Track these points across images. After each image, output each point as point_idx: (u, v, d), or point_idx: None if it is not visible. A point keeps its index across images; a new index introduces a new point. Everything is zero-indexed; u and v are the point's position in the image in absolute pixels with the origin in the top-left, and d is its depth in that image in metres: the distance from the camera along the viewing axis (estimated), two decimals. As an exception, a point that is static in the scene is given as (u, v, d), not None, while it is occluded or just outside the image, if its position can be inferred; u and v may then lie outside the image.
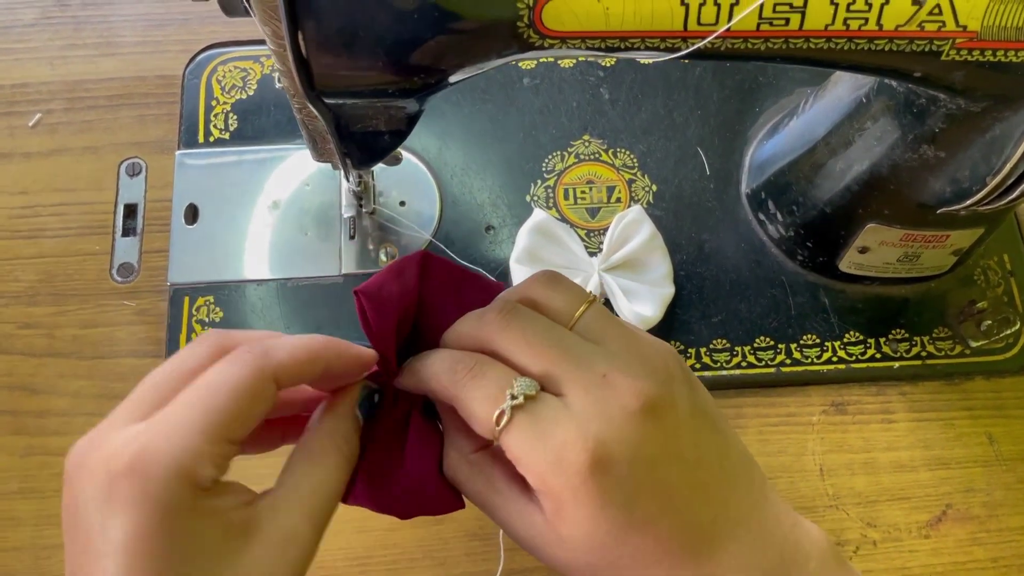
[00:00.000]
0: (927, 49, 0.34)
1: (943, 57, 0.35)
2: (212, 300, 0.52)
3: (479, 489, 0.35)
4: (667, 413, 0.32)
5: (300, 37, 0.32)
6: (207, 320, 0.52)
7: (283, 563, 0.30)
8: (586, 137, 0.57)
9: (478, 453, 0.35)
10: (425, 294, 0.37)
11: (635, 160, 0.57)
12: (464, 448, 0.35)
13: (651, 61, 0.59)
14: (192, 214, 0.54)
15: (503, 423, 0.31)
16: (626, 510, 0.31)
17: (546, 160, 0.56)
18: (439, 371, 0.34)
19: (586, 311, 0.35)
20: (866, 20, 0.33)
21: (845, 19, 0.33)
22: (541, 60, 0.59)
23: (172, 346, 0.51)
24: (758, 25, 0.33)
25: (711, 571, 0.32)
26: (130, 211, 0.55)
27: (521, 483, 0.33)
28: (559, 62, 0.59)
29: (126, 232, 0.55)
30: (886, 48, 0.34)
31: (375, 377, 0.36)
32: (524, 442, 0.31)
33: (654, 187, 0.56)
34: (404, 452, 0.36)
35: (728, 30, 0.33)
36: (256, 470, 0.33)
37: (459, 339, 0.35)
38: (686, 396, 0.34)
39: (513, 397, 0.32)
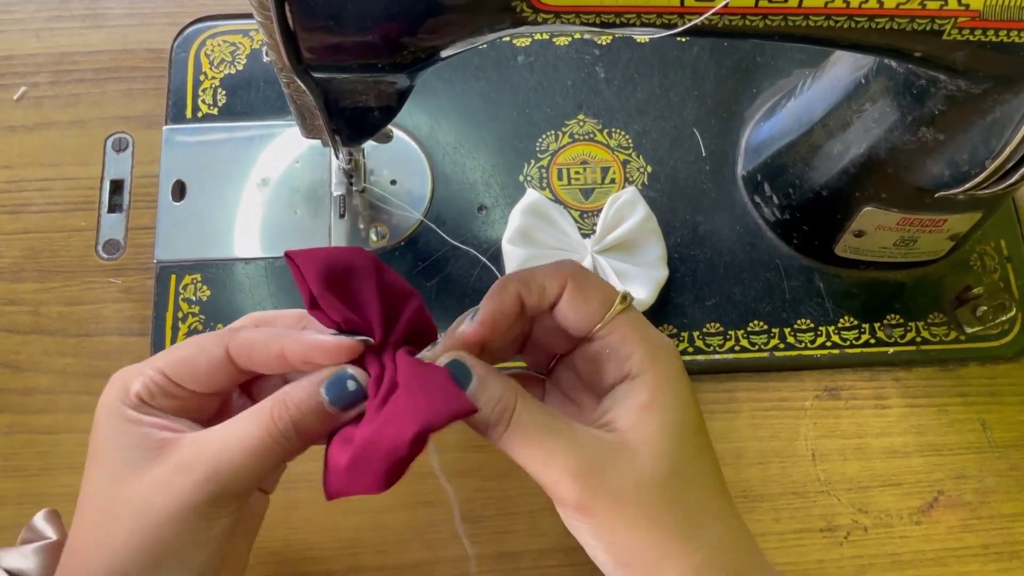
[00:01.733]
0: (928, 28, 0.34)
1: (944, 36, 0.34)
2: (199, 278, 0.52)
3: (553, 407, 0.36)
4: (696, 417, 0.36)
5: (287, 8, 0.32)
6: (194, 298, 0.51)
7: (168, 483, 0.33)
8: (581, 117, 0.56)
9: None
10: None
11: (630, 140, 0.56)
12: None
13: (647, 39, 0.58)
14: (179, 191, 0.54)
15: (624, 304, 0.35)
16: (690, 420, 0.35)
17: (540, 139, 0.56)
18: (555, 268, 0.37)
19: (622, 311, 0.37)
20: (867, -3, 0.32)
21: (845, -4, 0.32)
22: (536, 37, 0.58)
23: (159, 324, 0.50)
24: (756, 1, 0.33)
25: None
26: (116, 187, 0.54)
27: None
28: (554, 40, 0.58)
29: (112, 208, 0.54)
30: (887, 26, 0.34)
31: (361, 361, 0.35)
32: (641, 322, 0.36)
33: (649, 168, 0.55)
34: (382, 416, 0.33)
35: (726, 6, 0.32)
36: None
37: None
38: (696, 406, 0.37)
39: (623, 300, 0.36)
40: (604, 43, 0.58)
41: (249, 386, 0.39)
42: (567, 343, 0.38)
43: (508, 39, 0.58)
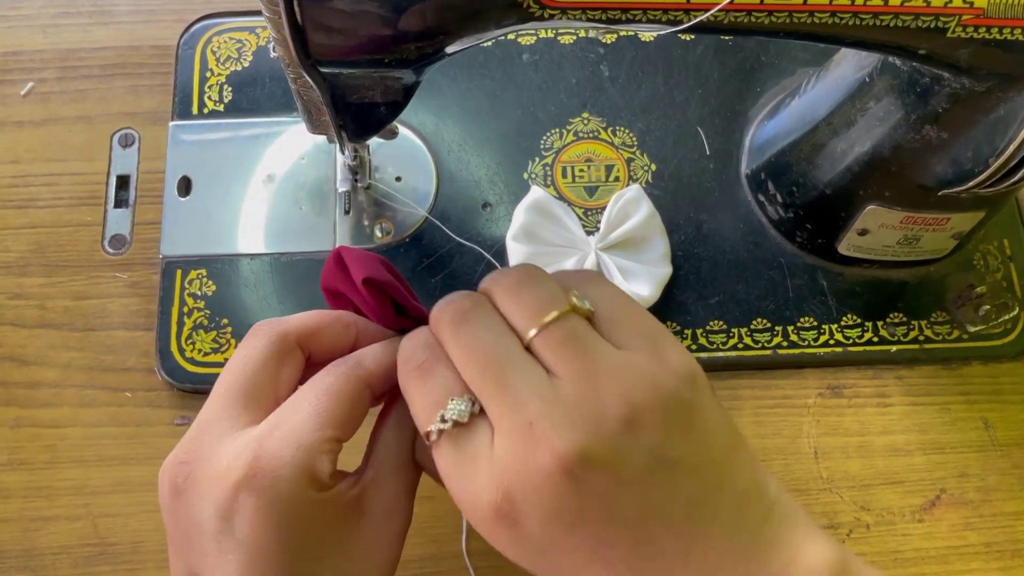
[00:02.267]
0: (933, 25, 0.34)
1: (949, 34, 0.34)
2: (205, 273, 0.52)
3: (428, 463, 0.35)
4: (598, 474, 0.29)
5: (295, 3, 0.32)
6: (199, 293, 0.51)
7: (390, 533, 0.34)
8: (585, 115, 0.57)
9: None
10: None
11: (634, 139, 0.56)
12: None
13: (653, 36, 0.58)
14: (185, 186, 0.54)
15: (431, 441, 0.32)
16: (544, 557, 0.30)
17: (544, 137, 0.56)
18: (401, 356, 0.34)
19: (557, 320, 0.31)
20: (872, -6, 0.33)
21: (850, -7, 0.33)
22: (541, 36, 0.58)
23: (164, 319, 0.51)
24: (762, -2, 0.33)
25: None
26: (123, 182, 0.54)
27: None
28: (559, 38, 0.58)
29: (118, 203, 0.54)
30: (891, 24, 0.34)
31: None
32: (447, 469, 0.31)
33: (653, 166, 0.55)
34: None
35: (731, 2, 0.32)
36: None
37: (431, 322, 0.34)
38: (646, 447, 0.29)
39: (443, 420, 0.31)
40: (609, 41, 0.58)
41: None
42: None
43: (513, 37, 0.58)
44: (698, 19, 0.33)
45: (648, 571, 0.30)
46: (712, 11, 0.33)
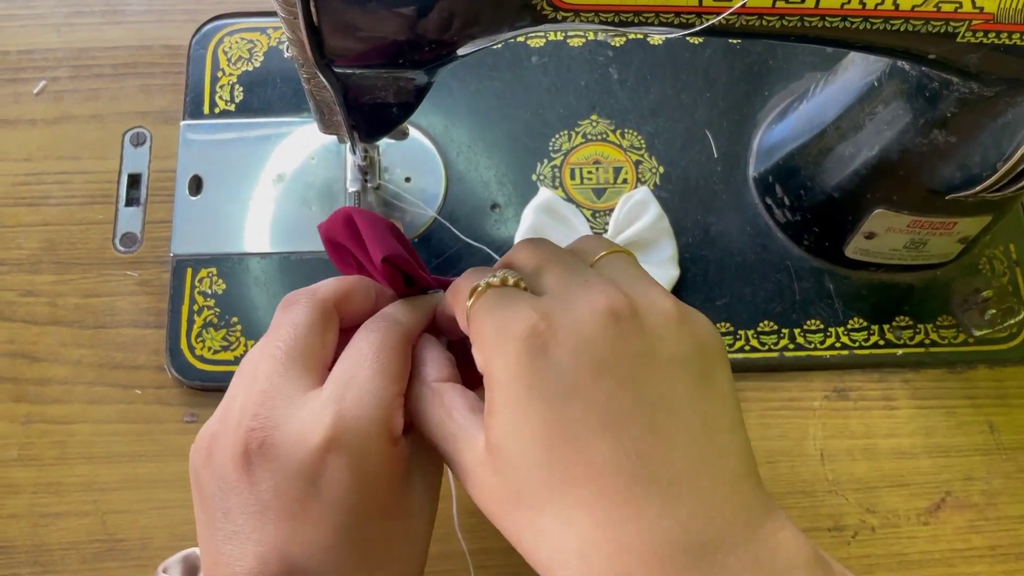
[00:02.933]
0: (943, 30, 0.34)
1: (958, 39, 0.34)
2: (215, 272, 0.52)
3: (435, 415, 0.33)
4: (639, 334, 0.29)
5: (312, 4, 0.32)
6: (209, 291, 0.51)
7: (433, 490, 0.35)
8: (594, 117, 0.57)
9: (441, 382, 0.34)
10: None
11: (643, 141, 0.56)
12: (429, 376, 0.35)
13: (661, 40, 0.58)
14: (196, 185, 0.54)
15: (473, 297, 0.32)
16: (558, 407, 0.29)
17: (553, 139, 0.56)
18: (457, 284, 0.35)
19: (608, 255, 0.34)
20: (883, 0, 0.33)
21: (861, -2, 0.33)
22: (550, 38, 0.58)
23: (174, 317, 0.51)
24: (773, 2, 0.33)
25: (649, 527, 0.28)
26: (134, 181, 0.55)
27: (476, 412, 0.32)
28: (568, 41, 0.59)
29: (129, 202, 0.54)
30: (902, 28, 0.34)
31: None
32: (483, 312, 0.31)
33: (661, 169, 0.56)
34: None
35: (744, 6, 0.33)
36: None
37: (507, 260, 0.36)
38: (678, 342, 0.30)
39: (492, 276, 0.32)
40: (618, 44, 0.59)
41: None
42: None
43: (522, 39, 0.58)
44: (710, 23, 0.34)
45: (652, 462, 0.28)
46: (724, 15, 0.33)
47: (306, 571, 0.30)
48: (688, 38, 0.58)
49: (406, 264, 0.37)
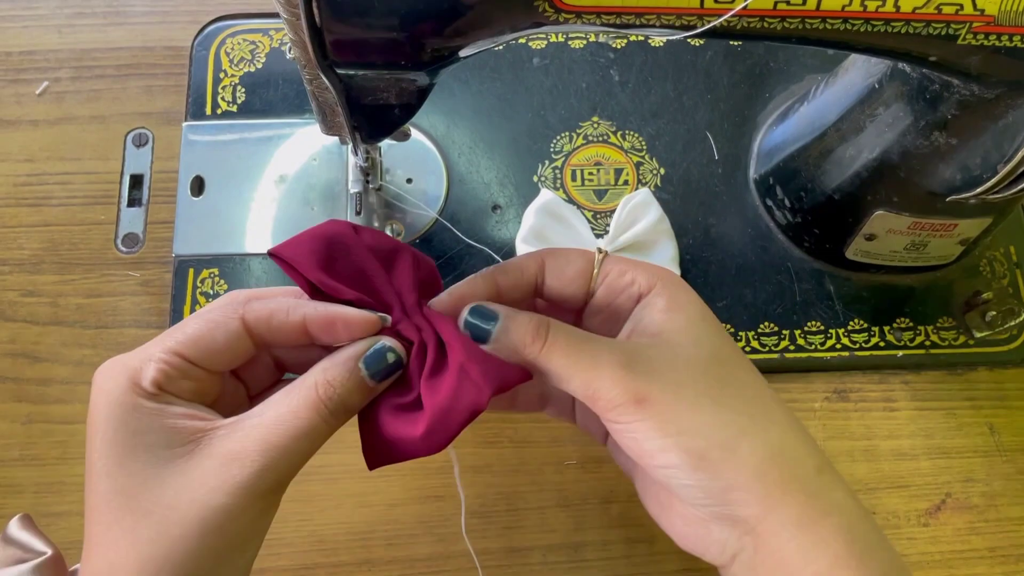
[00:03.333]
0: (944, 33, 0.34)
1: (959, 41, 0.35)
2: (217, 272, 0.52)
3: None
4: (717, 324, 0.36)
5: (314, 5, 0.32)
6: (211, 292, 0.52)
7: (222, 479, 0.31)
8: (595, 119, 0.57)
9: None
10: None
11: (643, 143, 0.56)
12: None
13: (663, 41, 0.59)
14: (198, 186, 0.54)
15: (600, 258, 0.36)
16: (711, 314, 0.36)
17: (554, 141, 0.56)
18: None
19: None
20: (884, 1, 0.33)
21: (863, 0, 0.33)
22: (551, 40, 0.59)
23: (176, 317, 0.51)
24: (775, 4, 0.33)
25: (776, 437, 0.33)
26: (136, 181, 0.55)
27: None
28: (569, 43, 0.59)
29: (131, 203, 0.54)
30: (903, 31, 0.34)
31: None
32: (626, 262, 0.36)
33: (662, 170, 0.56)
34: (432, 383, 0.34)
35: (745, 8, 0.33)
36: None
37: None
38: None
39: (600, 250, 0.36)
40: (619, 46, 0.59)
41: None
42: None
43: (524, 41, 0.58)
44: (711, 24, 0.34)
45: (763, 403, 0.34)
46: (725, 16, 0.33)
47: None
48: (689, 40, 0.58)
49: (299, 266, 0.35)
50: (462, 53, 0.36)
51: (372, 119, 0.42)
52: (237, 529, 0.32)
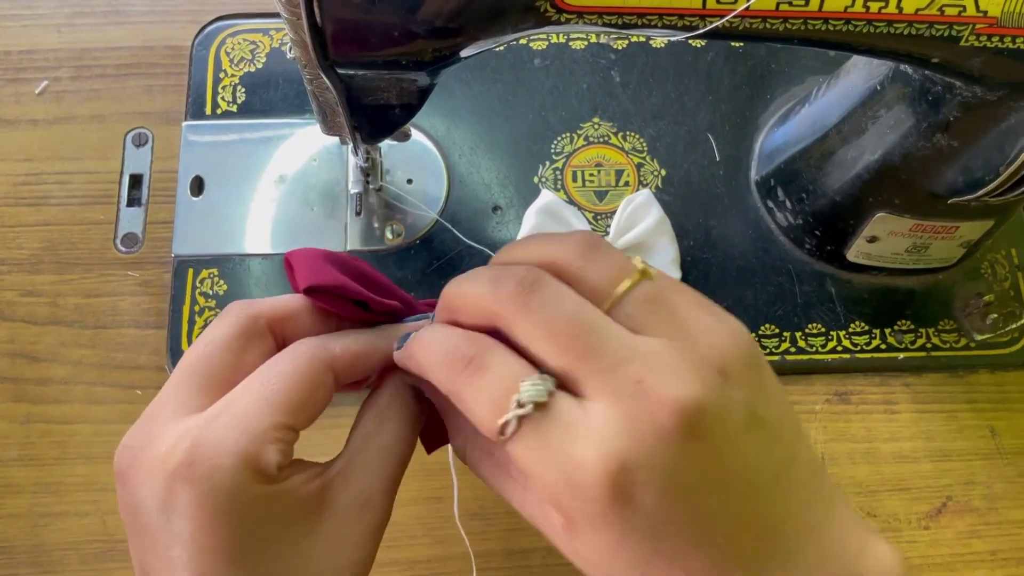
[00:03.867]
0: (946, 34, 0.34)
1: (962, 43, 0.34)
2: (216, 273, 0.52)
3: (491, 475, 0.32)
4: (713, 430, 0.26)
5: (315, 5, 0.32)
6: (211, 292, 0.51)
7: (361, 529, 0.30)
8: (596, 120, 0.57)
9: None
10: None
11: (644, 144, 0.56)
12: (470, 433, 0.32)
13: (664, 42, 0.58)
14: (198, 186, 0.54)
15: (508, 433, 0.27)
16: (651, 541, 0.26)
17: (555, 142, 0.56)
18: (435, 360, 0.29)
19: (631, 288, 0.28)
20: (886, 2, 0.33)
21: (865, 1, 0.33)
22: (552, 40, 0.58)
23: (175, 317, 0.51)
24: (777, 4, 0.33)
25: None
26: (135, 181, 0.55)
27: None
28: (570, 43, 0.59)
29: (131, 202, 0.54)
30: (905, 32, 0.34)
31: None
32: (532, 456, 0.26)
33: (663, 172, 0.56)
34: None
35: (747, 9, 0.33)
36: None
37: (464, 306, 0.30)
38: (742, 403, 0.27)
39: (520, 405, 0.26)
40: (620, 47, 0.59)
41: None
42: None
43: (525, 41, 0.58)
44: (713, 25, 0.34)
45: (740, 549, 0.27)
46: (728, 17, 0.33)
47: None
48: (691, 41, 0.58)
49: (340, 288, 0.33)
50: (463, 53, 0.36)
51: (373, 119, 0.41)
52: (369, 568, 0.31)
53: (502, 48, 0.58)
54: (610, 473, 0.25)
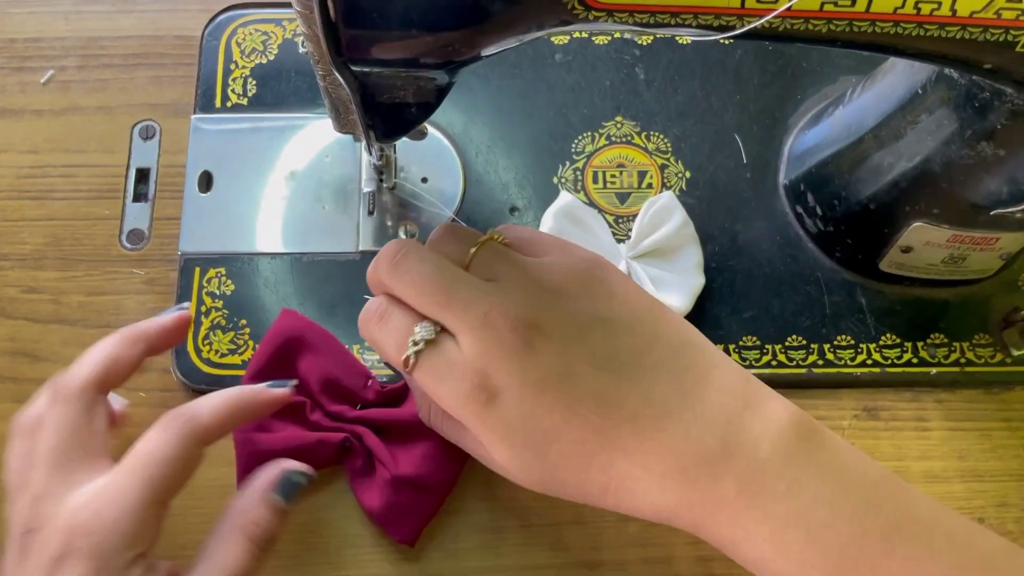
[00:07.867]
0: (1002, 39, 0.32)
1: (1018, 48, 0.32)
2: (224, 272, 0.50)
3: (450, 430, 0.39)
4: (553, 334, 0.35)
5: (330, 0, 0.30)
6: (217, 292, 0.50)
7: None
8: (618, 118, 0.55)
9: None
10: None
11: (669, 145, 0.54)
12: (432, 402, 0.39)
13: (690, 40, 0.56)
14: (206, 181, 0.52)
15: (411, 366, 0.35)
16: (531, 427, 0.34)
17: (576, 141, 0.54)
18: (362, 318, 0.38)
19: (479, 250, 0.37)
20: (939, 4, 0.31)
21: (916, 3, 0.31)
22: (574, 36, 0.56)
23: (181, 318, 0.49)
24: (821, 5, 0.31)
25: (642, 460, 0.34)
26: (142, 175, 0.53)
27: None
28: (593, 39, 0.57)
29: (137, 197, 0.53)
30: (957, 36, 0.32)
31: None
32: (430, 383, 0.35)
33: (687, 173, 0.54)
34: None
35: (789, 9, 0.31)
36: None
37: (368, 282, 0.39)
38: (582, 311, 0.35)
39: (414, 343, 0.35)
40: (645, 43, 0.57)
41: None
42: None
43: (547, 36, 0.56)
44: (751, 25, 0.32)
45: (617, 419, 0.34)
46: (767, 17, 0.31)
47: None
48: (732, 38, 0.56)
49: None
50: (484, 52, 0.34)
51: (388, 118, 0.40)
52: None
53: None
54: (476, 383, 0.34)
